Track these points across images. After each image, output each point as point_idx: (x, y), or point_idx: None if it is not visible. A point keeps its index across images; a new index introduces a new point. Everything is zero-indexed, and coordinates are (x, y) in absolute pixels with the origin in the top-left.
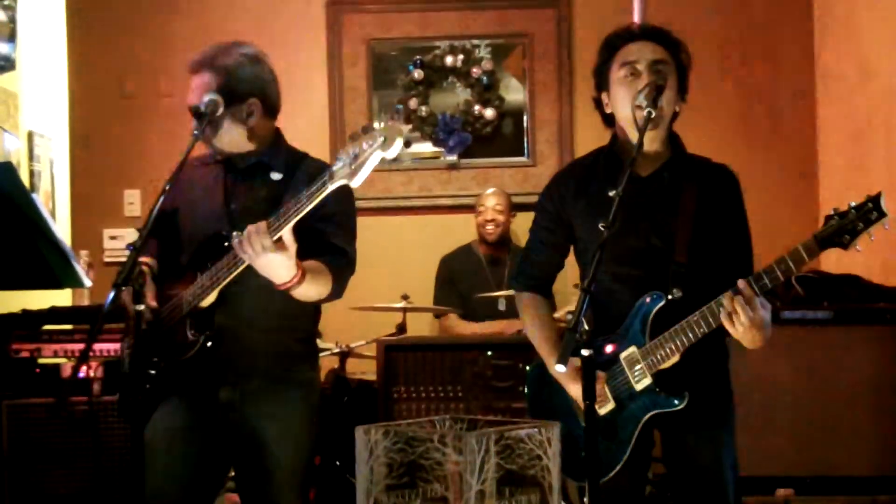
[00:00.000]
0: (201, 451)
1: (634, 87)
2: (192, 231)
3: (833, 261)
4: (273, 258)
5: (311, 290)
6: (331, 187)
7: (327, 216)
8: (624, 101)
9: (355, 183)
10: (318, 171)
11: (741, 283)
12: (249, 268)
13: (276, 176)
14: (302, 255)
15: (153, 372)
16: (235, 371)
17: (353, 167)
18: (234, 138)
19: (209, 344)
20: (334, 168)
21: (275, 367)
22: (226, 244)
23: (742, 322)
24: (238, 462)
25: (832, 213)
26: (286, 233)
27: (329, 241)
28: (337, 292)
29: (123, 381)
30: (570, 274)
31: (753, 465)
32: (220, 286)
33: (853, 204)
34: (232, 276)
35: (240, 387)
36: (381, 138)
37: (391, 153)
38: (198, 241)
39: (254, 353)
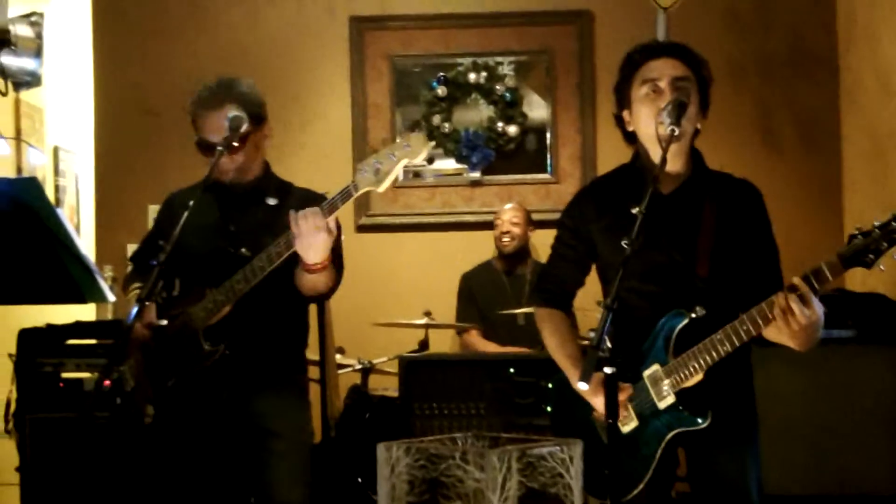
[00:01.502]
0: (219, 458)
1: (657, 105)
2: (190, 252)
3: (857, 279)
4: (320, 237)
5: (327, 278)
6: (355, 194)
7: None
8: (646, 119)
9: (380, 189)
10: (307, 197)
11: (797, 280)
12: (261, 281)
13: (271, 201)
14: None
15: (165, 386)
16: (242, 374)
17: (377, 175)
18: (247, 161)
19: (227, 352)
20: (356, 178)
21: (275, 371)
22: (235, 257)
23: (798, 320)
24: (249, 460)
25: (856, 231)
26: (331, 220)
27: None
28: (332, 292)
29: (129, 398)
30: (593, 291)
31: (775, 482)
32: (237, 297)
33: (877, 223)
34: (250, 286)
35: (245, 388)
36: (406, 146)
37: (417, 160)
38: (200, 259)
39: (260, 360)
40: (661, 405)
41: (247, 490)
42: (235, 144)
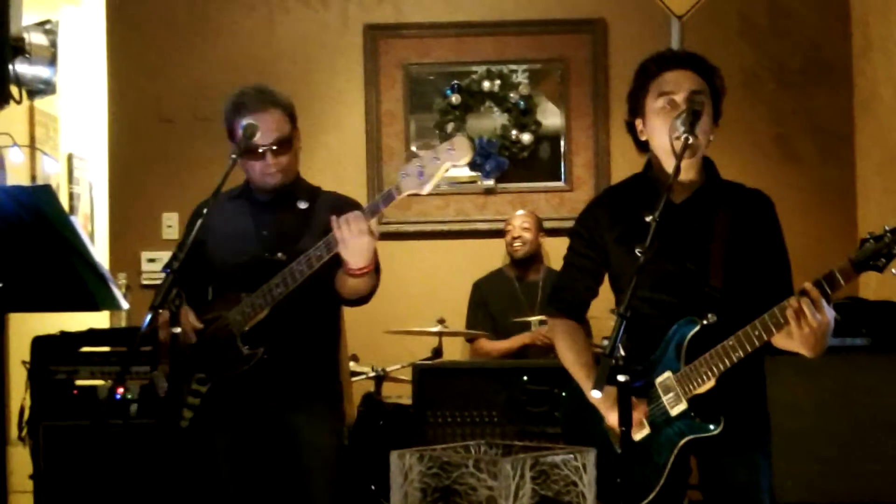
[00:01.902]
0: (254, 460)
1: (670, 118)
2: (224, 258)
3: (871, 288)
4: (364, 241)
5: (369, 281)
6: (398, 197)
7: None
8: (661, 132)
9: (424, 191)
10: (337, 200)
11: (808, 285)
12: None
13: (302, 205)
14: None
15: (202, 390)
16: (279, 381)
17: (422, 178)
18: (291, 163)
19: (266, 356)
20: (400, 182)
21: (310, 377)
22: (271, 262)
23: (810, 323)
24: (279, 464)
25: (867, 236)
26: (374, 223)
27: None
28: (373, 294)
29: (163, 404)
30: (608, 299)
31: (787, 492)
32: (275, 301)
33: (888, 227)
34: (288, 289)
35: (282, 396)
36: (451, 150)
37: (461, 163)
38: (235, 265)
39: (295, 365)
40: (674, 412)
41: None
42: (275, 148)
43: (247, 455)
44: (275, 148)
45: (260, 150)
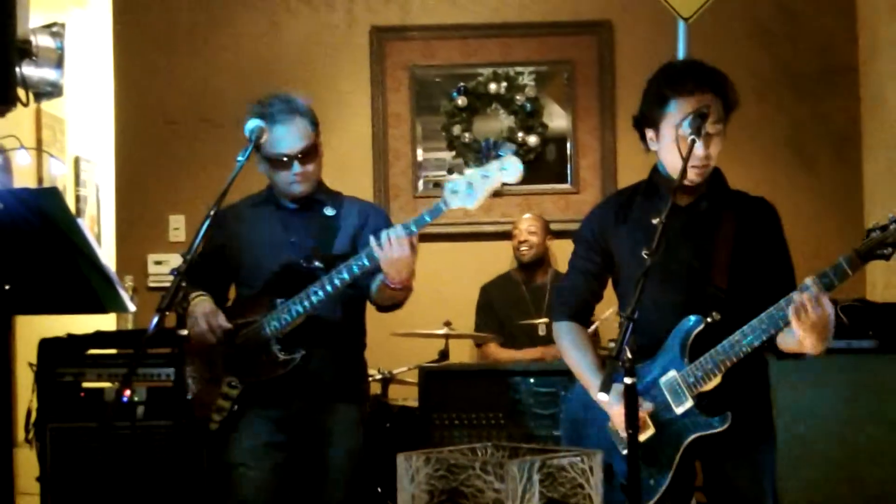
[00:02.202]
0: (284, 462)
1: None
2: (255, 264)
3: (878, 290)
4: (406, 258)
5: (406, 293)
6: (445, 209)
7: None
8: (674, 155)
9: (472, 206)
10: (361, 206)
11: (808, 280)
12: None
13: (329, 211)
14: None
15: (233, 394)
16: (312, 384)
17: (471, 194)
18: (318, 169)
19: (301, 362)
20: (447, 196)
21: (344, 379)
22: (303, 272)
23: (810, 316)
24: (305, 466)
25: (873, 226)
26: (415, 239)
27: None
28: (407, 299)
29: (190, 405)
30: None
31: (796, 495)
32: (313, 307)
33: (892, 216)
34: (328, 297)
35: (314, 399)
36: (503, 169)
37: (511, 181)
38: (268, 271)
39: (327, 367)
40: (679, 410)
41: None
42: (301, 156)
43: (271, 456)
44: (301, 156)
45: (285, 159)
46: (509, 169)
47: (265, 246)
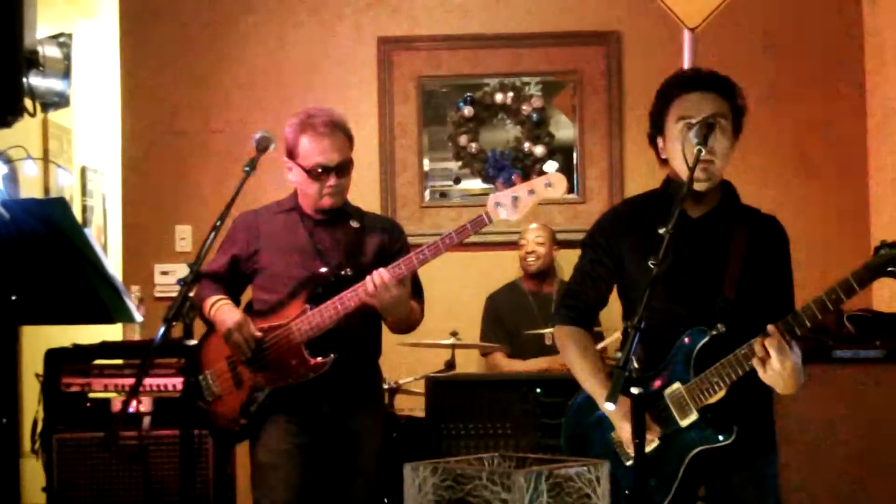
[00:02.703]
0: (311, 464)
1: (692, 144)
2: (282, 270)
3: (885, 299)
4: (393, 296)
5: (413, 320)
6: (489, 223)
7: (404, 252)
8: (681, 156)
9: (514, 219)
10: (383, 222)
11: (770, 328)
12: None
13: (354, 223)
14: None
15: (259, 397)
16: (341, 388)
17: (516, 208)
18: (344, 196)
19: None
20: (492, 209)
21: (365, 383)
22: (332, 279)
23: (773, 365)
24: (332, 466)
25: (881, 244)
26: (405, 280)
27: (413, 282)
28: (419, 321)
29: (206, 411)
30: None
31: None
32: (347, 313)
33: None
34: (359, 304)
35: (343, 401)
36: (548, 185)
37: (555, 197)
38: (295, 278)
39: (352, 372)
40: (684, 423)
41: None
42: (338, 168)
43: (298, 458)
44: (338, 169)
45: (321, 171)
46: (555, 185)
47: (292, 253)
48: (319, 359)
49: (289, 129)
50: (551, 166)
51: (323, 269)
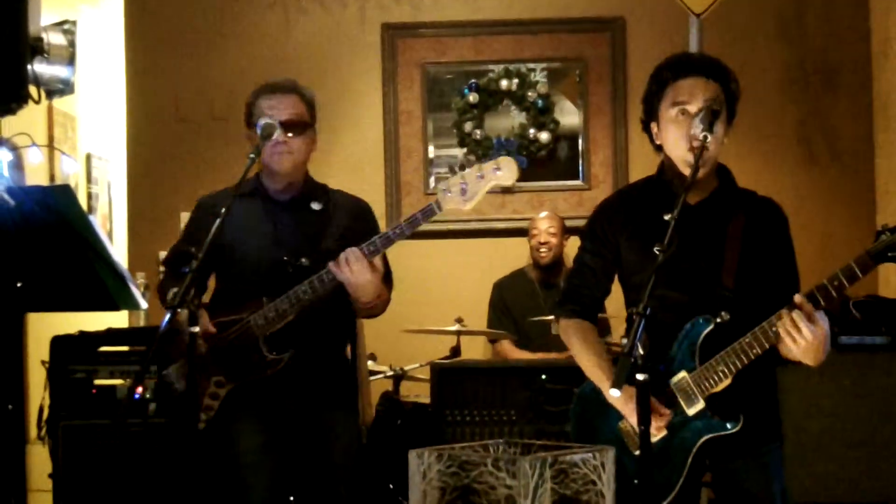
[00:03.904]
0: (282, 461)
1: (686, 128)
2: (244, 260)
3: (891, 286)
4: (366, 279)
5: (383, 304)
6: (439, 211)
7: (370, 237)
8: (675, 142)
9: (466, 208)
10: (350, 203)
11: (798, 298)
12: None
13: (316, 206)
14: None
15: (219, 393)
16: (305, 381)
17: (465, 195)
18: (298, 162)
19: (290, 361)
20: (441, 197)
21: (333, 376)
22: (290, 270)
23: (805, 336)
24: (302, 463)
25: (882, 228)
26: (377, 261)
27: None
28: (385, 308)
29: (179, 403)
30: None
31: (809, 492)
32: (301, 308)
33: None
34: (317, 296)
35: (311, 398)
36: (497, 170)
37: (506, 184)
38: (257, 268)
39: (317, 365)
40: (691, 412)
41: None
42: (288, 125)
43: (271, 455)
44: (288, 125)
45: (270, 124)
46: (504, 170)
47: (253, 241)
48: (276, 355)
49: (249, 97)
50: (506, 150)
51: (280, 258)
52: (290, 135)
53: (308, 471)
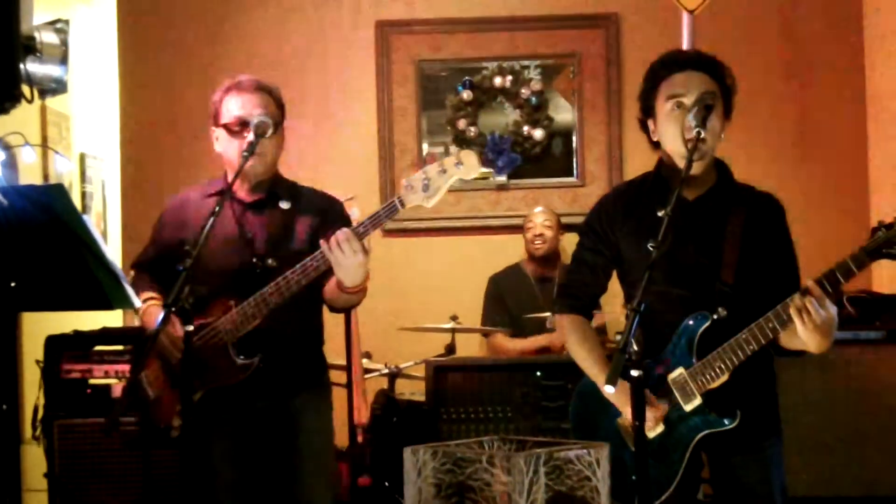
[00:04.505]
0: (257, 461)
1: (681, 122)
2: (210, 262)
3: (885, 281)
4: (359, 261)
5: (361, 296)
6: (401, 208)
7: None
8: (672, 136)
9: (429, 204)
10: (320, 200)
11: (810, 283)
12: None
13: (284, 205)
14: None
15: (193, 399)
16: (275, 382)
17: (427, 191)
18: (269, 163)
19: (261, 365)
20: (403, 194)
21: (306, 374)
22: (257, 271)
23: (814, 319)
24: (277, 460)
25: (878, 224)
26: (367, 242)
27: None
28: (361, 301)
29: (148, 408)
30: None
31: (805, 485)
32: (269, 310)
33: None
34: (284, 299)
35: (278, 395)
36: (458, 164)
37: (468, 178)
38: (223, 271)
39: (290, 365)
40: (688, 408)
41: (273, 492)
42: (267, 134)
43: (244, 458)
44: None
45: (238, 128)
46: (465, 163)
47: (220, 243)
48: (244, 360)
49: (215, 95)
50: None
51: (247, 260)
52: (262, 140)
53: (283, 467)
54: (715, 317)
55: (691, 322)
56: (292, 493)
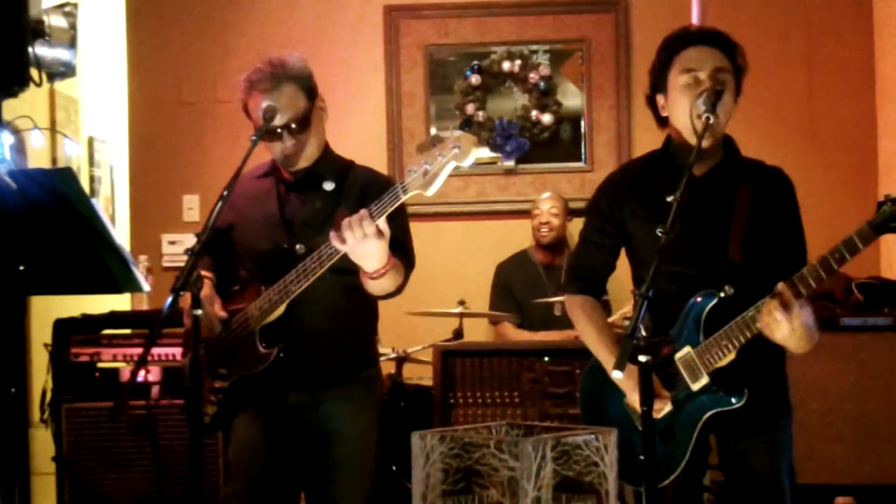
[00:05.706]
0: (280, 458)
1: (694, 95)
2: (249, 245)
3: (894, 267)
4: (373, 244)
5: (389, 282)
6: (403, 198)
7: (390, 215)
8: (683, 109)
9: (430, 192)
10: (367, 178)
11: (780, 286)
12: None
13: (328, 186)
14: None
15: (223, 386)
16: (305, 376)
17: (426, 178)
18: (304, 150)
19: (282, 355)
20: (406, 181)
21: (341, 369)
22: (290, 254)
23: (781, 328)
24: (309, 461)
25: (885, 198)
26: (382, 222)
27: (395, 238)
28: (402, 288)
29: (188, 392)
30: (625, 278)
31: (813, 472)
32: (290, 298)
33: None
34: (302, 287)
35: (310, 390)
36: (456, 148)
37: (465, 162)
38: (258, 254)
39: (321, 358)
40: (695, 387)
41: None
42: (292, 126)
43: (273, 454)
44: (292, 127)
45: (277, 132)
46: (463, 148)
47: (260, 224)
48: (265, 349)
49: (240, 93)
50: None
51: (280, 243)
52: (298, 137)
53: (308, 470)
54: (722, 295)
55: (698, 300)
56: (324, 495)
